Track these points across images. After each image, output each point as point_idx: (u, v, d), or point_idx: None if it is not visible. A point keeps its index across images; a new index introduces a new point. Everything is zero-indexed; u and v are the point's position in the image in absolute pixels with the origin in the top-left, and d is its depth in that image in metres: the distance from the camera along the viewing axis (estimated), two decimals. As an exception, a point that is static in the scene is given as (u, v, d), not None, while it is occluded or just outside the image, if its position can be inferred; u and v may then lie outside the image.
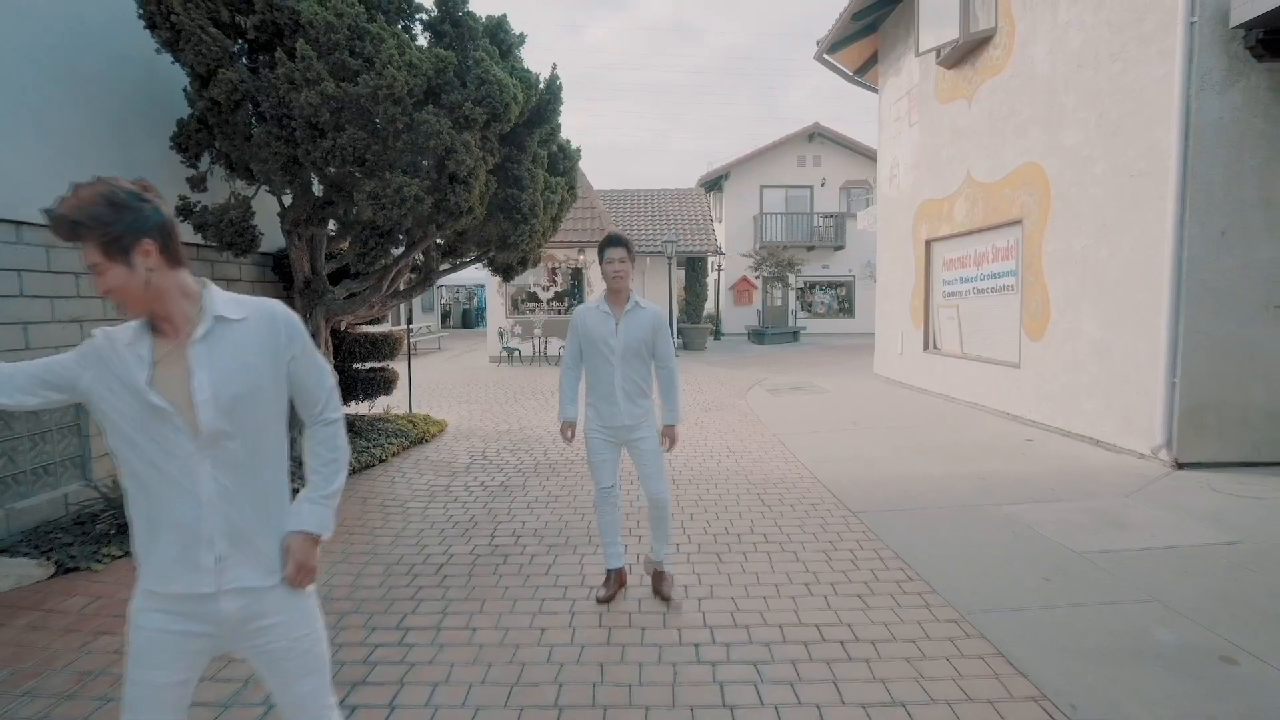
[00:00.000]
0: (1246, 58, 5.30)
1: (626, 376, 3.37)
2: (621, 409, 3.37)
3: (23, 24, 4.29)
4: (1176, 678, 2.70)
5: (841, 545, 4.22)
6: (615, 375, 3.36)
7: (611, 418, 3.39)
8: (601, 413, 3.42)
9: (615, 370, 3.36)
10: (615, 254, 3.29)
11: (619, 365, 3.35)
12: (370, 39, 4.16)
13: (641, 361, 3.41)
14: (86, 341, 1.53)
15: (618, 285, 3.34)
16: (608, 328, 3.36)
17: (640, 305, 3.41)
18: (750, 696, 2.65)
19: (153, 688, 1.50)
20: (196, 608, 1.50)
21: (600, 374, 3.40)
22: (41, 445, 4.46)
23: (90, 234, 1.45)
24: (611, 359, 3.35)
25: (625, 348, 3.34)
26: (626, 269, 3.33)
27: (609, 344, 3.35)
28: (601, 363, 3.38)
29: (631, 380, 3.39)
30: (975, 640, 3.04)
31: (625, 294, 3.38)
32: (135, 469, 1.50)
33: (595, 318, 3.39)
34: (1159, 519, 4.47)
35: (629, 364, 3.37)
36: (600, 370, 3.39)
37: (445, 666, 2.90)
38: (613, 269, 3.31)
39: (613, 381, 3.37)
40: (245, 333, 1.51)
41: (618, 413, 3.37)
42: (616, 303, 3.39)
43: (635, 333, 3.36)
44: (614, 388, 3.37)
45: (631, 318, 3.36)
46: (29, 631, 3.21)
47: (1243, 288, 5.46)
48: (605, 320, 3.37)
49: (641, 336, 3.37)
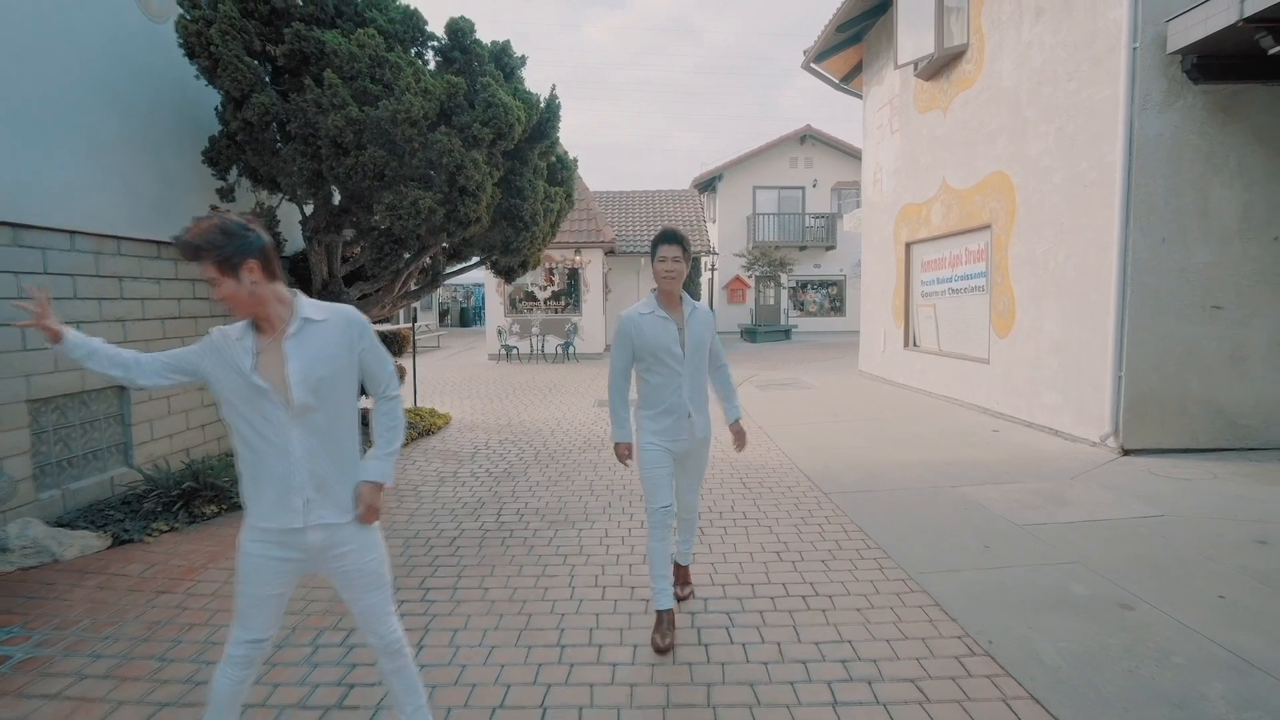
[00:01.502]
0: (1184, 80, 5.82)
1: (694, 386, 3.06)
2: (695, 423, 3.06)
3: (78, 56, 4.76)
4: (1081, 621, 3.21)
5: (811, 521, 4.72)
6: (684, 387, 3.01)
7: (677, 433, 3.04)
8: (666, 428, 3.04)
9: (684, 381, 3.01)
10: (669, 251, 2.95)
11: (687, 375, 3.01)
12: (389, 67, 4.64)
13: (703, 368, 3.13)
14: (206, 337, 2.01)
15: (669, 286, 2.98)
16: (670, 334, 2.98)
17: (694, 305, 3.11)
18: (722, 638, 3.15)
19: (258, 599, 1.99)
20: (290, 539, 1.98)
21: (665, 387, 3.02)
22: (91, 433, 4.93)
23: (208, 255, 1.92)
24: (680, 369, 3.00)
25: (694, 354, 3.03)
26: (681, 269, 2.97)
27: (673, 352, 2.97)
28: (667, 374, 3.01)
29: (698, 390, 3.09)
30: (917, 594, 3.55)
31: (678, 295, 3.04)
32: (243, 434, 1.98)
33: (654, 324, 2.99)
34: (1096, 497, 4.99)
35: (697, 372, 3.06)
36: (665, 382, 3.02)
37: (463, 617, 3.39)
38: (665, 268, 2.96)
39: (680, 394, 3.00)
40: (326, 331, 2.00)
41: (686, 427, 3.04)
42: (671, 305, 3.03)
43: (701, 334, 3.06)
44: (683, 401, 3.01)
45: (694, 319, 3.06)
46: (98, 590, 3.69)
47: (1181, 289, 5.98)
48: (666, 326, 2.99)
49: (705, 340, 3.08)
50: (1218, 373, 6.05)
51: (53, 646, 3.10)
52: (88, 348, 2.04)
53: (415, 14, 5.28)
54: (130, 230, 5.22)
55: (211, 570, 3.96)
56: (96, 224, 4.91)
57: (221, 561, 4.07)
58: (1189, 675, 2.73)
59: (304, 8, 4.89)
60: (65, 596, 3.62)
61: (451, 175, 4.92)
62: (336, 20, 5.05)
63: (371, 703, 2.67)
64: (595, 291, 17.36)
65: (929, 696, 2.65)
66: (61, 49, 4.66)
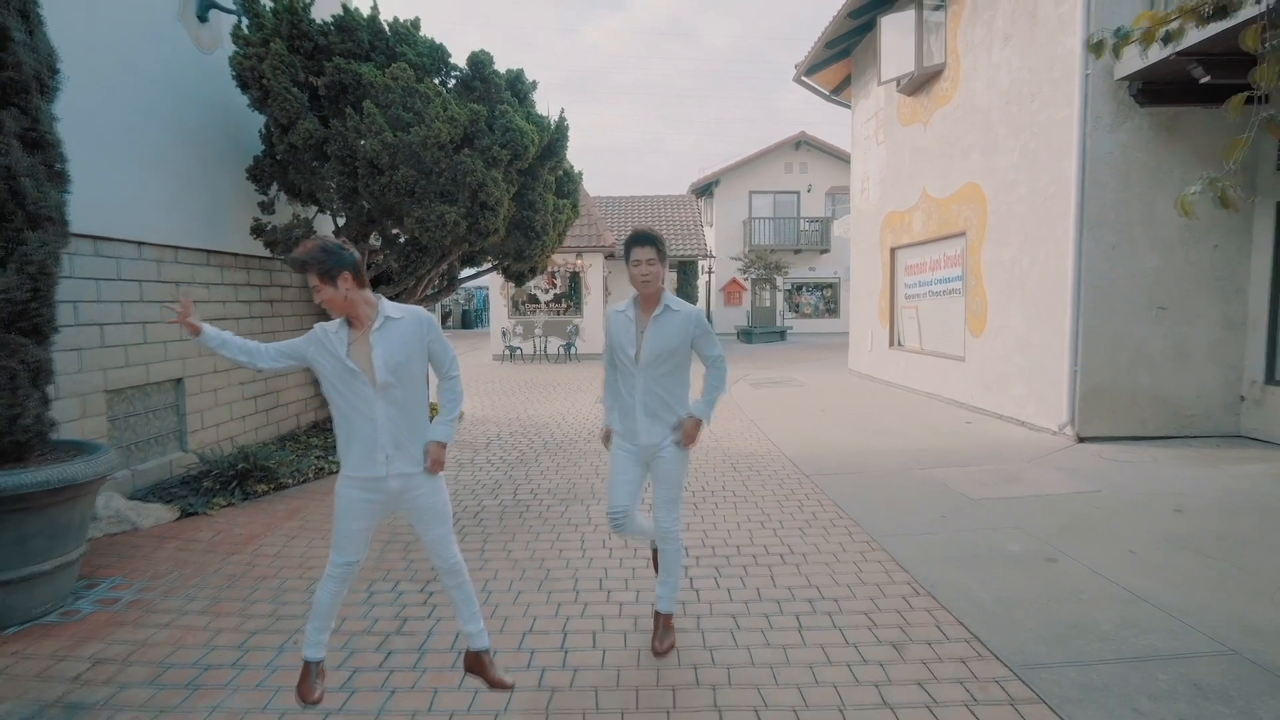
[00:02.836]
0: (1131, 104, 6.46)
1: (649, 391, 2.97)
2: (640, 426, 2.98)
3: (141, 86, 5.38)
4: (1011, 571, 3.83)
5: (792, 497, 5.34)
6: (636, 388, 2.97)
7: (633, 434, 3.02)
8: (624, 427, 3.06)
9: (637, 382, 2.96)
10: (643, 253, 2.88)
11: (640, 377, 2.96)
12: (420, 97, 5.26)
13: (671, 374, 3.00)
14: (311, 331, 2.62)
15: (647, 290, 2.92)
16: (627, 335, 2.97)
17: (672, 308, 2.97)
18: (711, 584, 3.77)
19: (350, 531, 2.60)
20: (374, 485, 2.59)
21: (621, 385, 3.05)
22: (153, 421, 5.55)
23: (312, 268, 2.54)
24: (632, 369, 2.96)
25: (650, 357, 2.93)
26: (656, 270, 2.90)
27: (627, 353, 2.96)
28: (623, 373, 3.03)
29: (656, 395, 2.97)
30: (878, 552, 4.17)
31: (656, 297, 2.96)
32: (338, 405, 2.60)
33: (620, 323, 3.01)
34: (1046, 477, 5.61)
35: (653, 377, 2.96)
36: (622, 381, 3.04)
37: (492, 570, 4.01)
38: (640, 271, 2.89)
39: (633, 395, 2.98)
40: (403, 326, 2.61)
41: (636, 430, 3.00)
42: (645, 306, 2.98)
43: (663, 341, 2.93)
44: (634, 403, 2.98)
45: (660, 324, 2.94)
46: (178, 551, 4.31)
47: (1130, 292, 6.61)
48: (627, 327, 2.98)
49: (671, 345, 2.94)
50: (1163, 367, 6.68)
51: (152, 592, 3.72)
52: (220, 339, 2.64)
53: (440, 47, 5.92)
54: (185, 241, 5.83)
55: (270, 537, 4.58)
56: (158, 235, 5.52)
57: (277, 530, 4.69)
58: (1089, 607, 3.35)
59: (342, 44, 5.52)
60: (151, 556, 4.23)
61: (474, 192, 5.54)
62: (370, 54, 5.68)
63: (423, 630, 3.29)
64: (596, 294, 17.98)
65: (877, 624, 3.28)
66: (130, 80, 5.28)
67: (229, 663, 3.01)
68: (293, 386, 7.51)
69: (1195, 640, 3.02)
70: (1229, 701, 2.57)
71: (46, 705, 2.69)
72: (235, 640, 3.21)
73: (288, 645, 3.15)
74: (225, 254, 6.37)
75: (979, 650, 3.00)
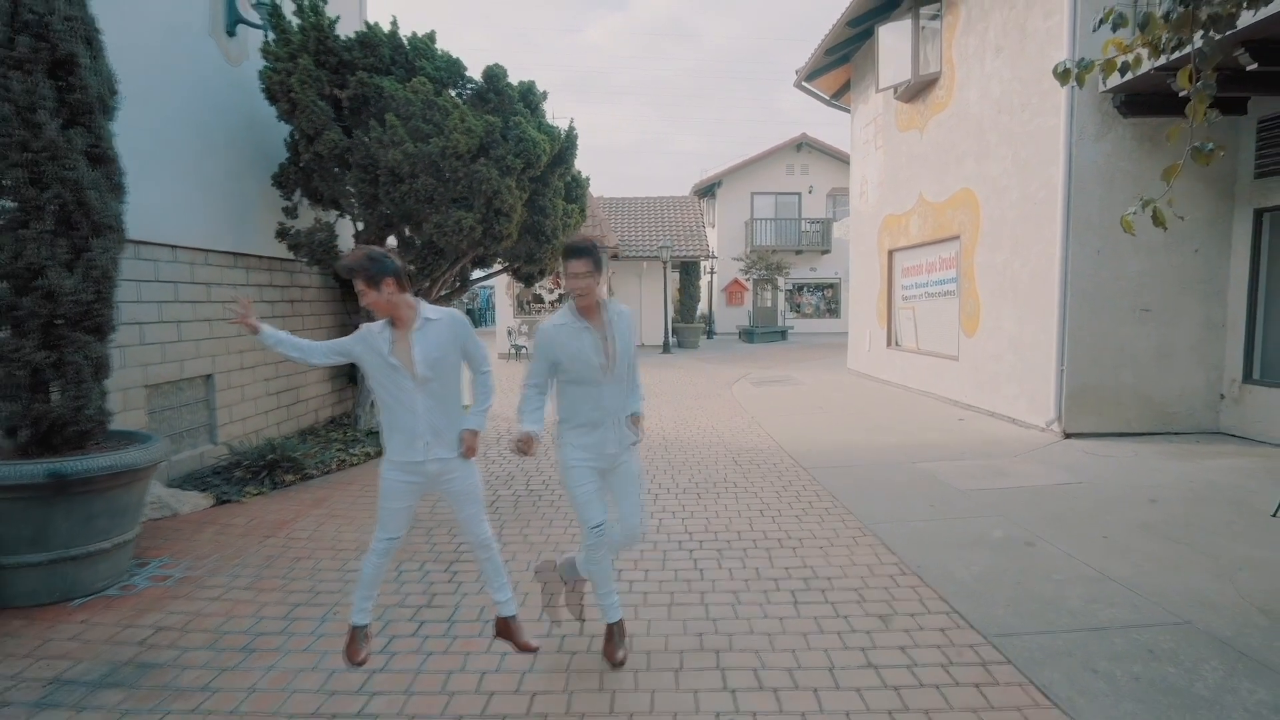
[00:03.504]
0: (1115, 115, 6.76)
1: (620, 396, 2.92)
2: (612, 436, 2.91)
3: (175, 97, 5.70)
4: (991, 553, 4.13)
5: (790, 488, 5.65)
6: (606, 398, 2.88)
7: (604, 445, 2.90)
8: (592, 442, 2.90)
9: (605, 391, 2.87)
10: (578, 266, 2.79)
11: (613, 386, 2.88)
12: (439, 110, 5.57)
13: (627, 375, 2.97)
14: (358, 331, 2.92)
15: (583, 302, 2.83)
16: (588, 344, 2.84)
17: (620, 310, 2.97)
18: (714, 565, 4.08)
19: (392, 510, 2.91)
20: (414, 468, 2.90)
21: (586, 398, 2.88)
22: (186, 415, 5.87)
23: (359, 275, 2.84)
24: (602, 380, 2.85)
25: (620, 362, 2.89)
26: (592, 284, 2.82)
27: (592, 362, 2.83)
28: (587, 386, 2.87)
29: (623, 401, 2.95)
30: (869, 538, 4.48)
31: (596, 306, 2.87)
32: (382, 397, 2.91)
33: (571, 335, 2.84)
34: (1031, 470, 5.92)
35: (620, 381, 2.91)
36: (586, 393, 2.87)
37: (510, 553, 4.31)
38: (576, 285, 2.80)
39: (604, 407, 2.87)
40: (440, 327, 2.92)
41: (609, 440, 2.90)
42: (590, 315, 2.87)
43: (626, 343, 2.93)
44: (604, 415, 2.87)
45: (618, 328, 2.91)
46: (217, 535, 4.63)
47: (1114, 295, 6.91)
48: (584, 336, 2.84)
49: (630, 346, 2.95)
50: (1147, 367, 6.98)
51: (199, 570, 4.04)
52: (276, 337, 2.95)
53: (457, 62, 6.24)
54: (214, 244, 6.15)
55: (301, 522, 4.89)
56: (191, 239, 5.84)
57: (306, 516, 5.01)
58: (1061, 585, 3.66)
59: (365, 59, 5.84)
60: (192, 539, 4.55)
61: (489, 199, 5.85)
62: (391, 68, 6.00)
63: (451, 604, 3.60)
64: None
65: (865, 599, 3.59)
66: (166, 93, 5.60)
67: (277, 631, 3.33)
68: (312, 384, 7.83)
69: (1154, 613, 3.33)
70: (1178, 663, 2.88)
71: (120, 664, 3.00)
72: (280, 612, 3.52)
73: (329, 616, 3.47)
74: (250, 256, 6.68)
75: (957, 621, 3.31)
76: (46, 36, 3.35)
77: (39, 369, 3.45)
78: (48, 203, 3.38)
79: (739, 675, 2.89)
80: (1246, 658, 2.90)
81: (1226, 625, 3.18)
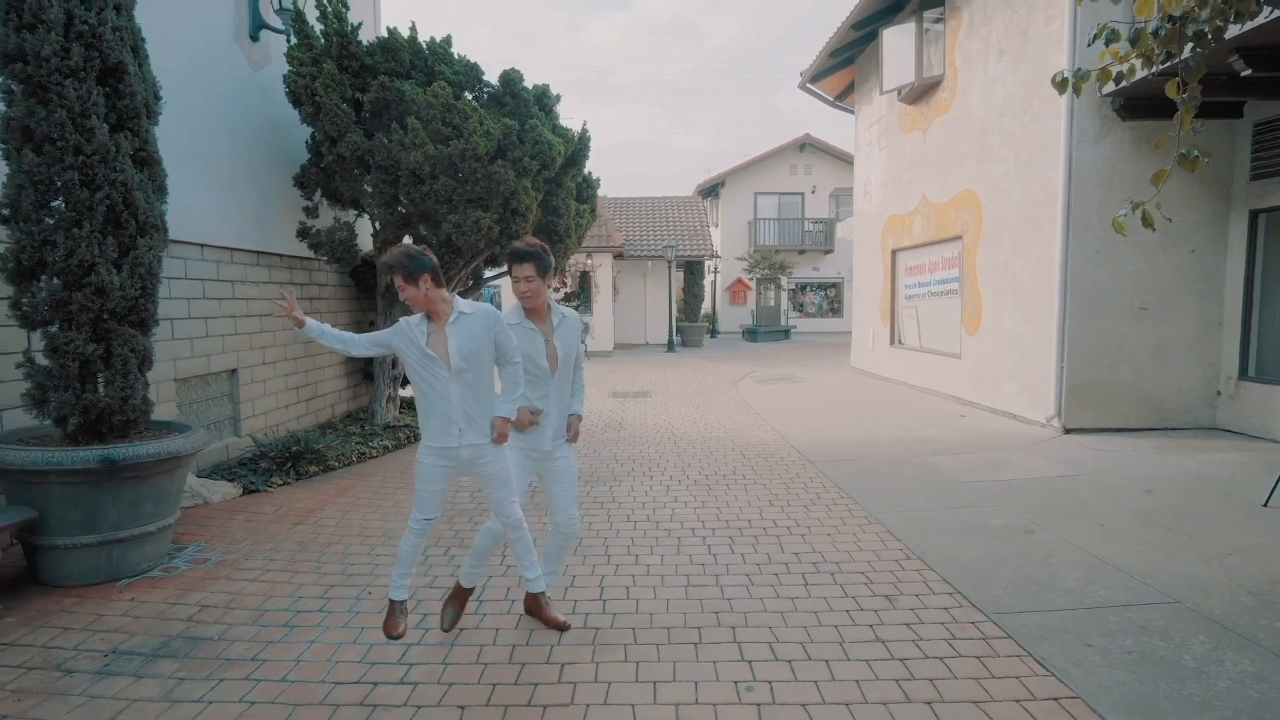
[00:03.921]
0: (1114, 118, 6.93)
1: (561, 395, 3.20)
2: (550, 433, 3.18)
3: (205, 101, 5.89)
4: (992, 539, 4.32)
5: (797, 481, 5.83)
6: (551, 396, 3.16)
7: (539, 442, 3.17)
8: (529, 435, 3.16)
9: (550, 389, 3.16)
10: (522, 271, 3.03)
11: (556, 384, 3.17)
12: (458, 113, 5.76)
13: (570, 377, 3.24)
14: (397, 324, 3.11)
15: (530, 305, 3.08)
16: (536, 346, 3.12)
17: (565, 314, 3.21)
18: (727, 550, 4.27)
19: (428, 492, 3.10)
20: (449, 453, 3.08)
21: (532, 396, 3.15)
22: (212, 408, 6.06)
23: (397, 271, 3.03)
24: (547, 379, 3.14)
25: (564, 364, 3.16)
26: (537, 288, 3.05)
27: (539, 364, 3.12)
28: (534, 384, 3.14)
29: (564, 399, 3.23)
30: (875, 525, 4.66)
31: (543, 310, 3.14)
32: (419, 386, 3.09)
33: (521, 335, 3.10)
34: (1031, 463, 6.10)
35: (564, 381, 3.19)
36: (530, 391, 3.14)
37: (531, 539, 4.50)
38: (521, 289, 3.05)
39: (548, 403, 3.16)
40: (474, 320, 3.10)
41: (546, 436, 3.17)
42: (538, 317, 3.14)
43: (570, 346, 3.19)
44: (549, 410, 3.17)
45: (563, 331, 3.17)
46: (248, 522, 4.82)
47: (1113, 294, 7.09)
48: (533, 337, 3.11)
49: (575, 348, 3.19)
50: (1145, 364, 7.16)
51: (234, 554, 4.23)
52: (320, 330, 3.14)
53: (475, 66, 6.43)
54: (239, 243, 6.34)
55: (327, 510, 5.08)
56: (217, 238, 6.04)
57: (331, 505, 5.20)
58: (1058, 569, 3.84)
59: (386, 64, 6.03)
60: (225, 525, 4.75)
61: (506, 199, 6.04)
62: (411, 73, 6.19)
63: (478, 585, 3.79)
64: (605, 293, 18.51)
65: (872, 581, 3.77)
66: (194, 96, 5.79)
67: (315, 609, 3.52)
68: (329, 379, 8.02)
69: (1146, 594, 3.51)
70: (1168, 638, 3.06)
71: (171, 638, 3.20)
72: (317, 592, 3.71)
73: (363, 595, 3.66)
74: (272, 254, 6.88)
75: (960, 601, 3.49)
76: (98, 46, 3.54)
77: (89, 361, 3.64)
78: (98, 204, 3.56)
79: (755, 648, 3.07)
80: (1233, 633, 3.08)
81: (1216, 605, 3.36)
